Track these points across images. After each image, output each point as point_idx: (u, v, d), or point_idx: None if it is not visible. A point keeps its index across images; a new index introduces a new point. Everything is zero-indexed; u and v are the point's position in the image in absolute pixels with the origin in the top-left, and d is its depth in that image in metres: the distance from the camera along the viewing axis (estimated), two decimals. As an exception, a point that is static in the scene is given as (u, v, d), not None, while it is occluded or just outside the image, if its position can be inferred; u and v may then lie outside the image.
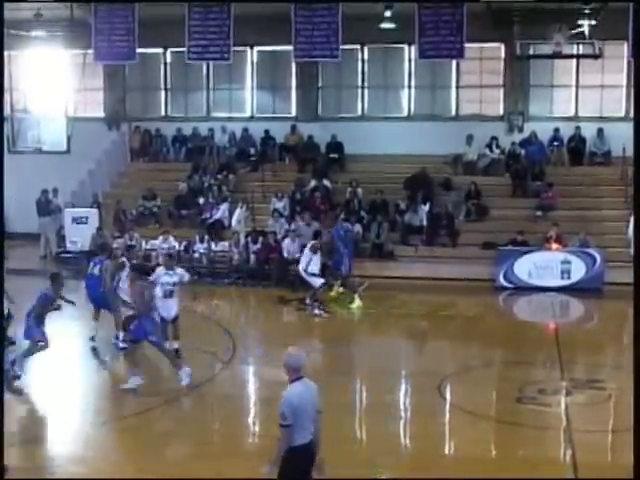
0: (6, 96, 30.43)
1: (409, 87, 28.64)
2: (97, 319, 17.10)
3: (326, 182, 26.72)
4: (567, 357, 16.27)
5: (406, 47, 27.88)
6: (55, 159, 27.04)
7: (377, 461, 11.57)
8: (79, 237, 25.60)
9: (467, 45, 23.78)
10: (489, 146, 27.24)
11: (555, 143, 27.05)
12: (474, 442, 12.17)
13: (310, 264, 20.19)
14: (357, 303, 20.74)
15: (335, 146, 28.05)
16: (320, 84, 29.16)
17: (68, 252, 26.09)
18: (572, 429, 12.42)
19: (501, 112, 28.01)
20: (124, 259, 17.55)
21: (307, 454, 8.62)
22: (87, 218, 26.32)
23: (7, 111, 27.80)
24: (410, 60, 28.09)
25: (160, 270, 15.83)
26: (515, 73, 27.46)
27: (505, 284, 22.88)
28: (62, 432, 12.92)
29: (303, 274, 20.30)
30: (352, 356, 17.58)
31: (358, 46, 28.25)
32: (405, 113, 28.79)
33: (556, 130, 26.98)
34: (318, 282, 20.33)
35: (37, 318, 14.35)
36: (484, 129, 27.29)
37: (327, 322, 19.91)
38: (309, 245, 20.62)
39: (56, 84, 29.82)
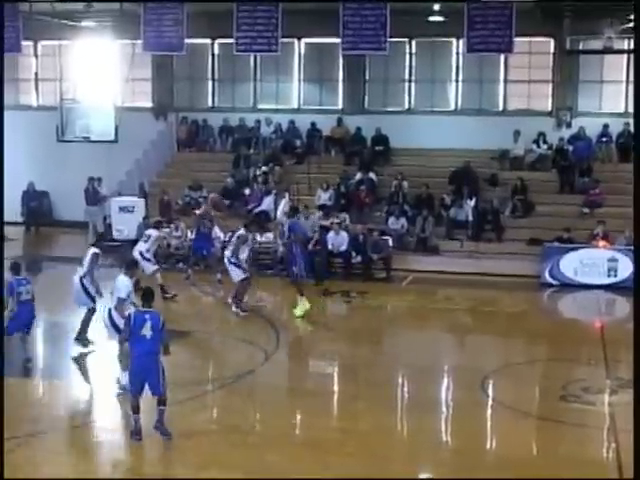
0: (56, 86, 30.80)
1: (456, 81, 28.49)
2: None
3: (372, 175, 26.70)
4: (612, 355, 16.11)
5: (454, 41, 27.73)
6: (103, 148, 27.20)
7: (418, 457, 11.59)
8: (125, 226, 25.83)
9: (516, 39, 23.54)
10: (536, 141, 27.02)
11: (604, 139, 26.75)
12: (516, 439, 12.12)
13: (236, 254, 19.09)
14: (302, 308, 18.82)
15: (381, 139, 28.00)
16: (367, 77, 29.11)
17: (114, 240, 26.33)
18: (617, 428, 12.32)
19: (549, 107, 27.77)
20: None
21: None
22: (133, 207, 26.58)
23: (56, 101, 28.07)
24: (458, 54, 27.94)
25: None
26: (564, 68, 27.20)
27: (550, 281, 22.72)
28: (105, 418, 13.09)
29: (226, 263, 19.25)
30: (394, 350, 17.55)
31: (406, 39, 28.14)
32: (452, 107, 28.64)
33: (605, 126, 26.70)
34: (240, 275, 19.08)
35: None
36: (532, 124, 27.08)
37: (371, 315, 19.92)
38: (237, 234, 19.66)
39: (105, 74, 30.01)
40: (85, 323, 15.94)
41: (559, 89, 27.44)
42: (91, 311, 15.85)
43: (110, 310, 13.78)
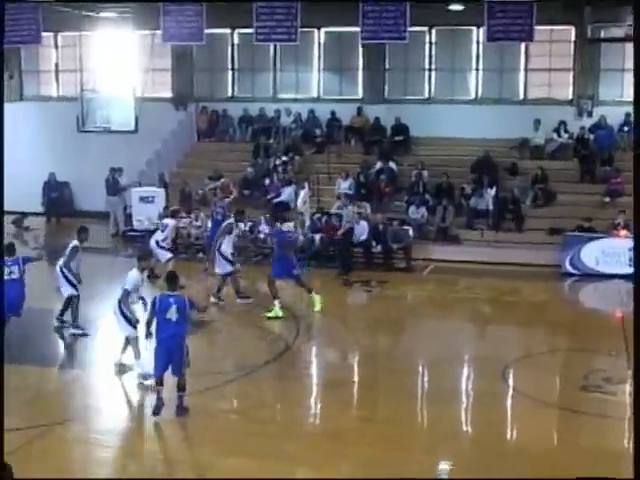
0: (76, 76, 30.92)
1: (477, 70, 28.32)
2: None
3: (392, 164, 26.64)
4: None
5: (474, 29, 27.55)
6: (123, 139, 27.30)
7: (438, 447, 11.58)
8: (145, 216, 25.88)
9: (537, 27, 23.42)
10: (557, 130, 26.85)
11: (625, 128, 26.53)
12: (537, 429, 12.10)
13: (222, 245, 18.78)
14: (275, 312, 17.87)
15: (401, 128, 27.90)
16: (387, 66, 29.01)
17: (135, 230, 26.42)
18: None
19: (570, 96, 27.58)
20: None
21: None
22: (154, 197, 26.62)
23: (77, 91, 28.19)
24: (478, 42, 27.75)
25: None
26: (585, 56, 26.99)
27: (571, 270, 22.61)
28: (126, 406, 13.17)
29: (216, 254, 18.93)
30: (415, 340, 17.54)
31: (426, 28, 28.00)
32: (472, 96, 28.50)
33: (627, 115, 26.45)
34: (226, 268, 18.88)
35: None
36: (552, 113, 26.91)
37: (391, 305, 19.90)
38: (223, 224, 19.40)
39: (125, 64, 30.12)
40: (65, 306, 16.54)
41: (580, 77, 27.25)
42: (73, 298, 16.42)
43: (120, 301, 13.93)
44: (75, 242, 16.71)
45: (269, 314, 17.76)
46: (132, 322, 13.90)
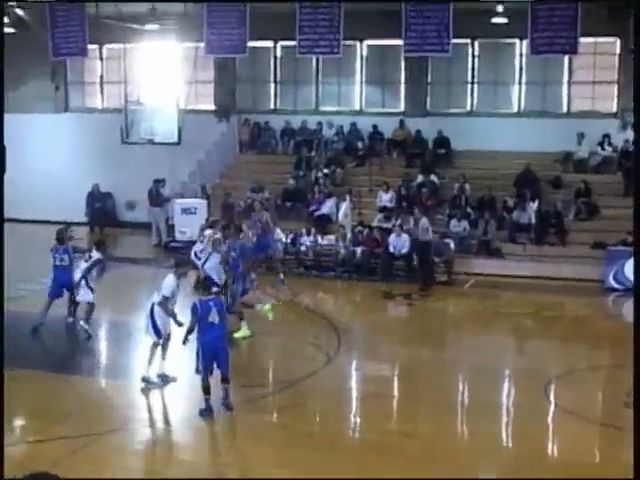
0: (120, 88, 31.22)
1: (519, 83, 28.24)
2: None
3: (433, 177, 26.61)
4: (678, 362, 15.84)
5: (517, 42, 27.51)
6: (166, 150, 27.45)
7: (479, 461, 11.53)
8: (188, 227, 26.03)
9: (581, 40, 23.26)
10: (601, 144, 26.67)
11: (671, 141, 26.29)
12: (579, 445, 12.01)
13: (209, 260, 18.34)
14: (243, 332, 17.08)
15: (443, 141, 27.89)
16: (429, 79, 29.01)
17: (177, 241, 26.58)
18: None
19: (614, 109, 27.38)
20: None
21: None
22: (196, 209, 26.79)
23: (121, 103, 28.44)
24: (521, 55, 27.71)
25: None
26: (630, 69, 26.75)
27: (615, 285, 22.40)
28: (172, 417, 13.25)
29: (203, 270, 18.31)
30: (456, 353, 17.47)
31: (469, 41, 27.97)
32: (515, 109, 28.41)
33: (672, 127, 26.25)
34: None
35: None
36: (596, 126, 26.72)
37: (433, 318, 19.85)
38: (211, 239, 19.10)
39: (168, 77, 30.38)
40: (89, 311, 17.22)
41: (625, 90, 27.01)
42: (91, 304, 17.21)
43: (152, 305, 14.07)
44: (98, 255, 17.18)
45: (238, 335, 16.84)
46: (158, 329, 14.04)
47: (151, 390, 13.83)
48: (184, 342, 13.16)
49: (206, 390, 12.54)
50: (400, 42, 24.34)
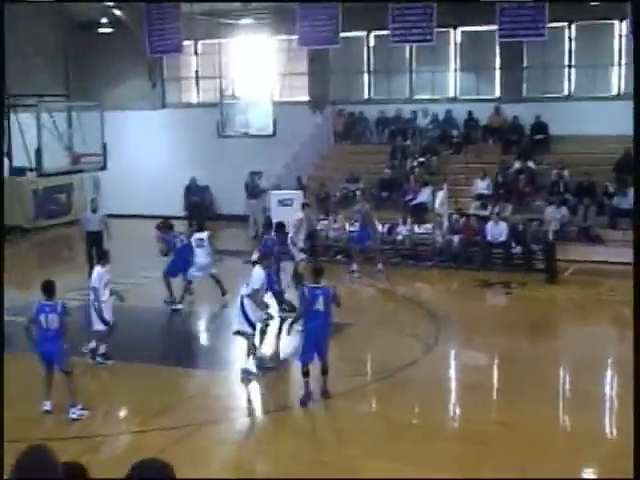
0: (215, 83, 31.58)
1: (619, 65, 27.58)
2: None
3: (531, 164, 26.23)
4: None
5: (616, 23, 26.87)
6: (261, 143, 27.73)
7: (580, 452, 11.35)
8: (284, 219, 26.16)
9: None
10: None
11: None
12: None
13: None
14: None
15: (540, 127, 27.44)
16: (525, 64, 28.56)
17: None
18: None
19: None
20: None
21: None
22: (292, 200, 26.89)
23: (216, 97, 28.79)
24: (620, 36, 27.04)
25: None
26: None
27: None
28: (268, 407, 13.37)
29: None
30: (556, 343, 17.23)
31: (565, 23, 27.44)
32: (614, 92, 27.76)
33: None
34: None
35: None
36: (700, 107, 25.95)
37: (531, 306, 19.57)
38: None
39: (262, 70, 30.63)
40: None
41: None
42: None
43: (242, 298, 14.20)
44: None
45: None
46: (251, 321, 14.18)
47: (250, 381, 13.98)
48: (289, 331, 13.33)
49: (306, 374, 12.78)
50: (494, 27, 24.08)
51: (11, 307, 15.63)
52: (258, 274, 14.37)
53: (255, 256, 16.67)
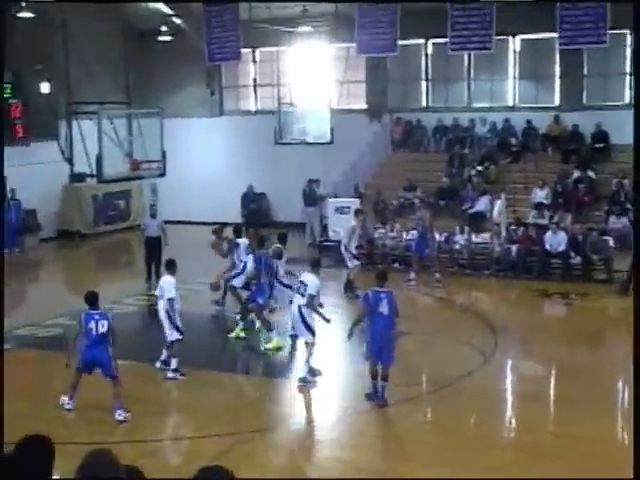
0: (273, 90, 31.71)
1: (682, 72, 27.15)
2: None
3: (590, 173, 25.91)
4: None
5: (680, 29, 26.45)
6: (319, 150, 27.74)
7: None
8: (341, 227, 26.15)
9: None
10: None
11: None
12: None
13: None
14: (275, 343, 16.41)
15: (600, 135, 27.10)
16: (585, 72, 28.23)
17: (330, 241, 26.74)
18: None
19: None
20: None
21: None
22: (349, 208, 26.84)
23: (274, 105, 28.92)
24: (686, 43, 26.61)
25: None
26: None
27: None
28: (325, 416, 13.35)
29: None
30: (616, 354, 16.94)
31: (627, 30, 27.08)
32: (677, 100, 27.33)
33: None
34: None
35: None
36: None
37: (591, 317, 19.28)
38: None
39: (320, 77, 30.68)
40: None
41: None
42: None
43: (300, 308, 14.22)
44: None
45: (270, 346, 16.38)
46: (312, 328, 14.20)
47: (307, 388, 13.97)
48: (349, 336, 13.36)
49: (373, 375, 12.98)
50: (554, 35, 23.87)
51: (69, 312, 15.79)
52: (313, 281, 14.40)
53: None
